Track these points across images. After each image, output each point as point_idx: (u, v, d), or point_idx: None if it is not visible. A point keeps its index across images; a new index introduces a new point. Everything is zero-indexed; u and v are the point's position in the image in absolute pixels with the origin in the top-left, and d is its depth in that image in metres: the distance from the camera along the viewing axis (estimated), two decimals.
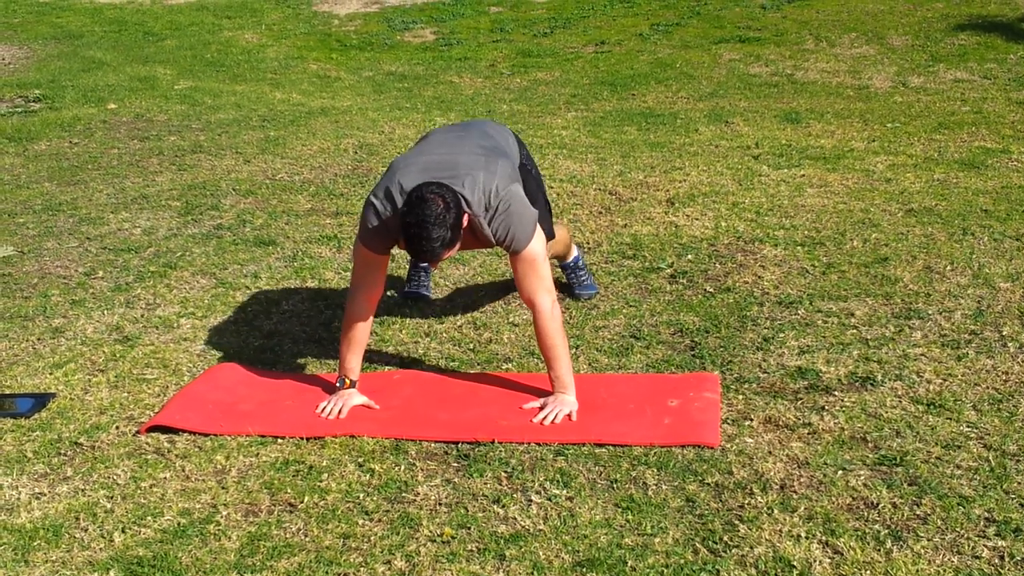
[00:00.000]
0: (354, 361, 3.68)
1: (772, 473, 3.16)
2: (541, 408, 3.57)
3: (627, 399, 3.63)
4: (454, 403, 3.67)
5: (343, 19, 12.34)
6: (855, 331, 4.09)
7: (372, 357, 4.10)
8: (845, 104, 7.85)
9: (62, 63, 10.58)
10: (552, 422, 3.49)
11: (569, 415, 3.51)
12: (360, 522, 3.02)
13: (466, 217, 3.45)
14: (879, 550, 2.79)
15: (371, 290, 3.66)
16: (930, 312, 4.21)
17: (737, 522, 2.94)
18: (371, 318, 3.68)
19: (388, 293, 4.52)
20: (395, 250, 3.75)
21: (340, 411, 3.58)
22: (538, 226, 3.62)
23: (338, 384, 3.68)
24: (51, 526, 3.05)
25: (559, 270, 4.54)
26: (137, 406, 3.76)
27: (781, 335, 4.08)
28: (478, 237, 3.58)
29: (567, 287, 4.53)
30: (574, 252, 4.54)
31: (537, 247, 3.58)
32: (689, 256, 4.92)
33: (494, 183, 3.51)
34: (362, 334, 3.67)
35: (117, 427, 3.61)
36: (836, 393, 3.63)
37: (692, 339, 4.11)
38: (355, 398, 3.63)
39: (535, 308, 3.57)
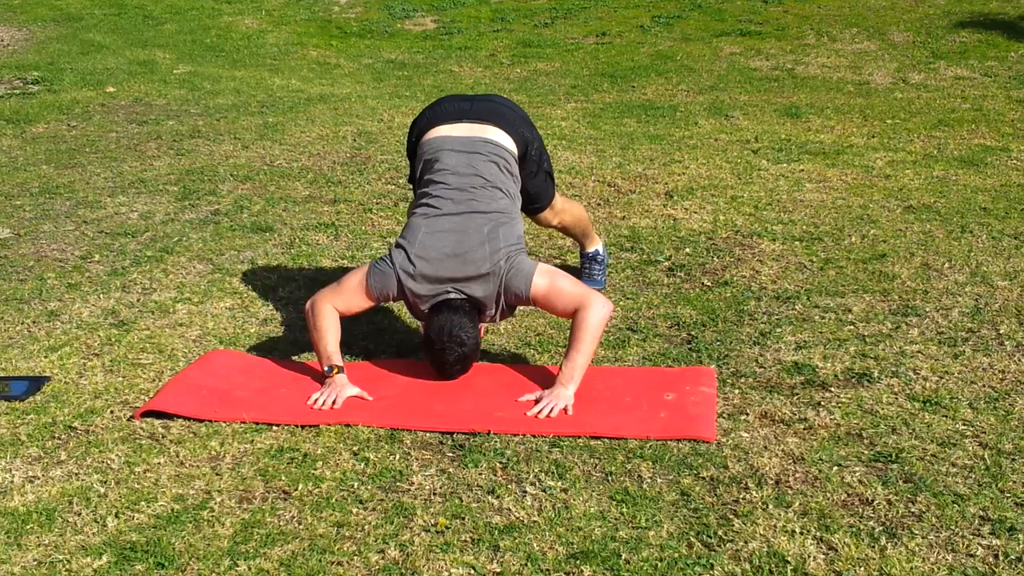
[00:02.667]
0: (332, 347, 3.70)
1: (767, 468, 3.15)
2: (537, 401, 3.56)
3: (623, 392, 3.63)
4: (450, 394, 3.66)
5: (343, 6, 12.31)
6: (852, 327, 4.08)
7: (369, 347, 4.09)
8: (845, 100, 7.85)
9: (61, 46, 10.55)
10: (547, 415, 3.48)
11: (565, 409, 3.50)
12: (354, 511, 3.02)
13: (482, 328, 3.78)
14: (873, 547, 2.79)
15: (344, 308, 3.77)
16: (927, 309, 4.21)
17: (732, 517, 2.93)
18: (337, 318, 3.75)
19: None
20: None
21: (334, 402, 3.57)
22: (537, 267, 3.69)
23: (326, 371, 3.67)
24: (44, 510, 3.04)
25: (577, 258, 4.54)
26: (132, 391, 3.75)
27: (778, 330, 4.07)
28: None
29: (576, 274, 4.54)
30: (598, 244, 4.58)
31: (542, 280, 3.65)
32: (687, 249, 4.91)
33: (503, 274, 3.65)
34: (334, 325, 3.73)
35: (111, 411, 3.60)
36: (832, 389, 3.62)
37: (689, 333, 4.10)
38: (348, 389, 3.62)
39: (578, 311, 3.62)
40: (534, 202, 4.20)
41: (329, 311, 3.72)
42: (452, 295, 3.65)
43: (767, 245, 4.92)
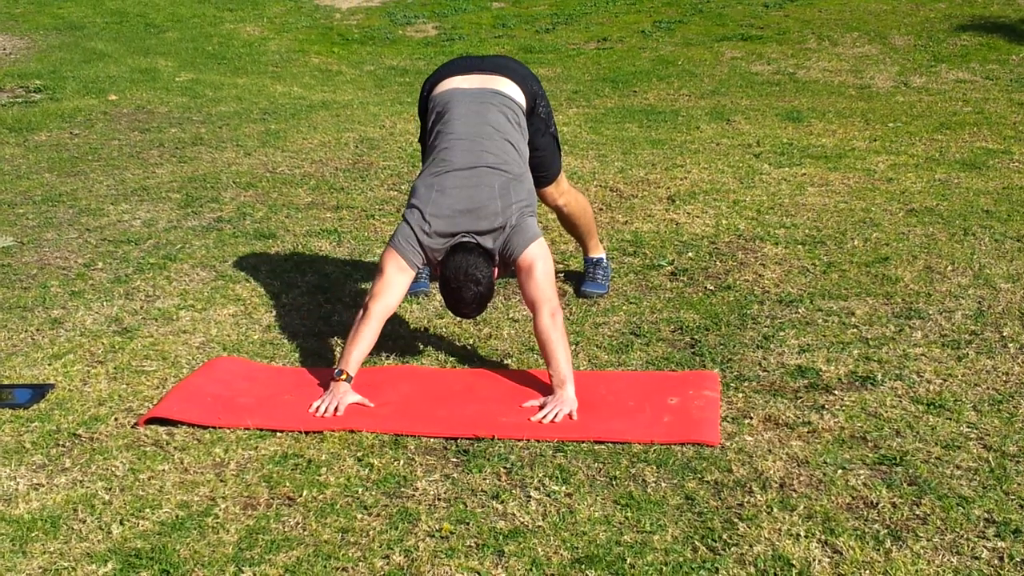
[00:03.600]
0: (356, 357, 3.69)
1: (771, 472, 3.15)
2: (541, 407, 3.56)
3: (627, 396, 3.63)
4: (453, 399, 3.66)
5: (345, 13, 12.32)
6: (855, 330, 4.08)
7: (372, 351, 4.09)
8: (847, 103, 7.85)
9: (63, 54, 10.57)
10: (552, 421, 3.48)
11: (569, 414, 3.50)
12: (359, 516, 3.02)
13: (495, 271, 3.76)
14: (878, 550, 2.79)
15: (392, 299, 3.77)
16: (931, 312, 4.21)
17: (736, 520, 2.93)
18: (380, 326, 3.74)
19: None
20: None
21: (336, 409, 3.57)
22: (538, 239, 3.72)
23: (336, 374, 3.67)
24: (49, 517, 3.04)
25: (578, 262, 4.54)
26: (136, 398, 3.75)
27: (781, 334, 4.07)
28: None
29: (579, 277, 4.55)
30: (601, 253, 4.63)
31: (536, 250, 3.69)
32: (690, 254, 4.91)
33: (509, 228, 3.70)
34: (372, 335, 3.72)
35: (116, 419, 3.60)
36: (836, 392, 3.62)
37: (692, 337, 4.10)
38: (349, 396, 3.62)
39: (533, 312, 3.70)
40: (539, 170, 4.17)
41: (374, 321, 3.71)
42: (466, 239, 3.71)
43: (770, 249, 4.92)
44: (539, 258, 3.70)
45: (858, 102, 7.88)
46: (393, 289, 3.75)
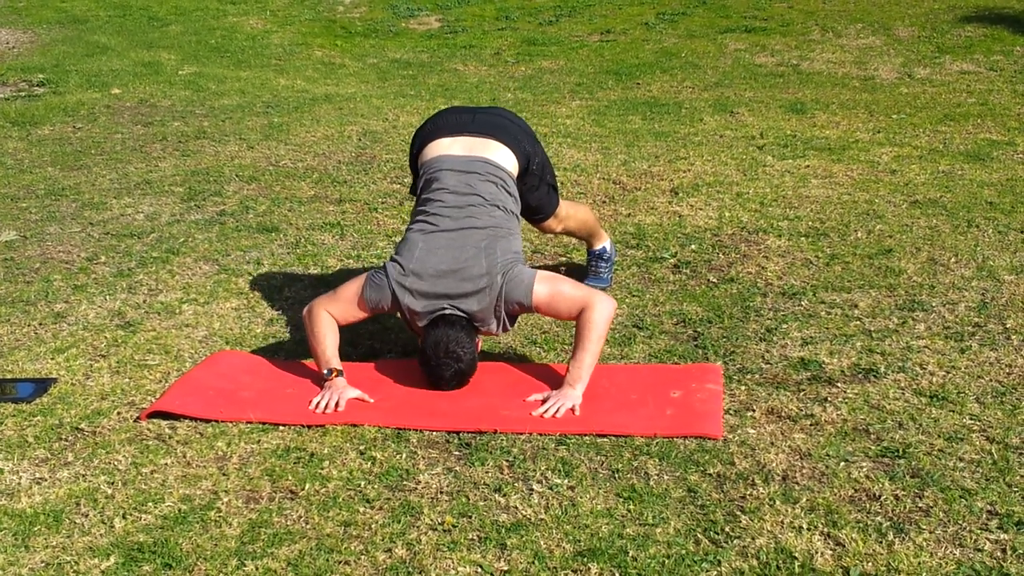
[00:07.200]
0: (331, 351, 3.70)
1: (774, 464, 3.15)
2: (544, 401, 3.56)
3: (629, 389, 3.63)
4: (456, 393, 3.66)
5: (348, 6, 12.31)
6: (858, 322, 4.08)
7: (375, 347, 4.09)
8: (850, 95, 7.83)
9: (66, 47, 10.57)
10: (554, 415, 3.48)
11: (572, 409, 3.50)
12: (361, 510, 3.02)
13: (479, 341, 3.73)
14: (881, 542, 2.78)
15: (341, 316, 3.75)
16: (934, 304, 4.20)
17: (739, 513, 2.93)
18: (334, 321, 3.74)
19: None
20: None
21: (337, 405, 3.57)
22: (535, 274, 3.66)
23: (325, 374, 3.67)
24: (51, 511, 3.05)
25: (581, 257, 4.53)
26: (138, 392, 3.75)
27: (784, 326, 4.07)
28: None
29: (582, 271, 4.54)
30: (605, 241, 4.57)
31: (542, 288, 3.63)
32: (693, 246, 4.91)
33: (498, 289, 3.62)
34: (332, 329, 3.72)
35: (118, 412, 3.60)
36: (839, 384, 3.62)
37: (695, 329, 4.10)
38: (348, 391, 3.61)
39: (583, 312, 3.61)
40: (536, 213, 4.20)
41: (326, 317, 3.72)
42: (448, 311, 3.63)
43: (773, 241, 4.92)
44: (550, 286, 3.64)
45: (862, 94, 7.87)
46: (345, 311, 3.73)
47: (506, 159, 3.90)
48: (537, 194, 4.11)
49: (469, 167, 3.84)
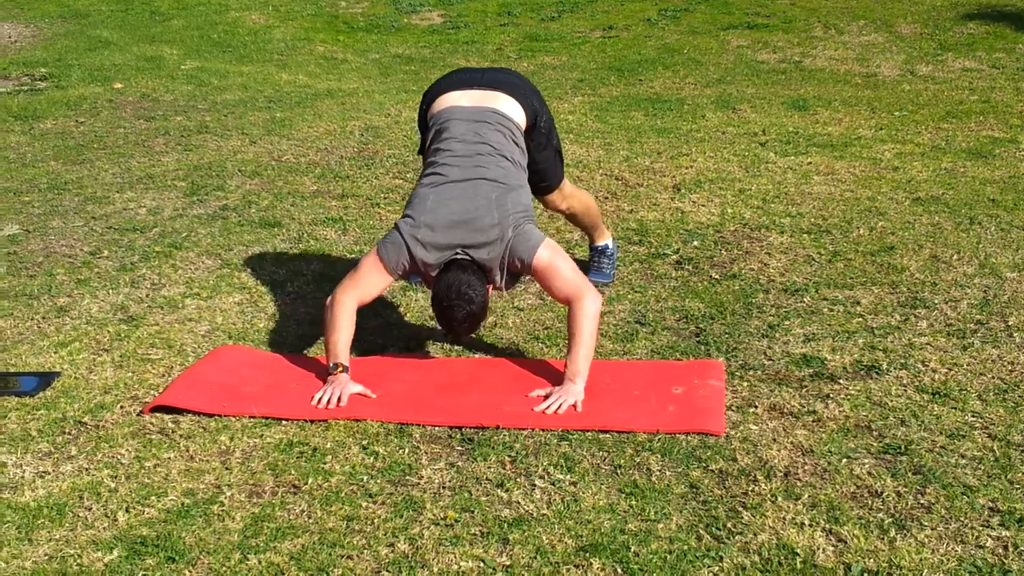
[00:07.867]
0: (342, 345, 3.69)
1: (776, 460, 3.16)
2: (546, 397, 3.56)
3: (631, 385, 3.63)
4: (458, 388, 3.67)
5: (350, 1, 12.30)
6: (861, 319, 4.08)
7: (376, 341, 4.09)
8: (853, 92, 7.83)
9: (68, 42, 10.57)
10: (556, 411, 3.48)
11: (574, 405, 3.50)
12: (364, 504, 3.02)
13: (489, 288, 3.70)
14: (883, 538, 2.79)
15: (363, 296, 3.74)
16: (936, 301, 4.20)
17: (741, 509, 2.93)
18: (355, 312, 3.72)
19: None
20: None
21: (339, 400, 3.57)
22: (544, 239, 3.68)
23: (331, 367, 3.67)
24: (55, 505, 3.05)
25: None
26: (141, 386, 3.76)
27: (786, 323, 4.07)
28: None
29: (584, 266, 4.55)
30: (607, 238, 4.59)
31: (545, 252, 3.64)
32: (695, 242, 4.91)
33: (509, 238, 3.63)
34: (349, 322, 3.71)
35: (121, 407, 3.61)
36: (841, 381, 3.62)
37: (697, 326, 4.10)
38: (350, 387, 3.61)
39: (571, 303, 3.62)
40: (542, 180, 4.18)
41: (348, 307, 3.70)
42: (460, 256, 3.65)
43: (775, 238, 4.92)
44: (553, 255, 3.65)
45: (864, 91, 7.86)
46: (368, 284, 3.73)
47: (514, 111, 3.94)
48: (544, 154, 4.12)
49: (478, 116, 3.88)
